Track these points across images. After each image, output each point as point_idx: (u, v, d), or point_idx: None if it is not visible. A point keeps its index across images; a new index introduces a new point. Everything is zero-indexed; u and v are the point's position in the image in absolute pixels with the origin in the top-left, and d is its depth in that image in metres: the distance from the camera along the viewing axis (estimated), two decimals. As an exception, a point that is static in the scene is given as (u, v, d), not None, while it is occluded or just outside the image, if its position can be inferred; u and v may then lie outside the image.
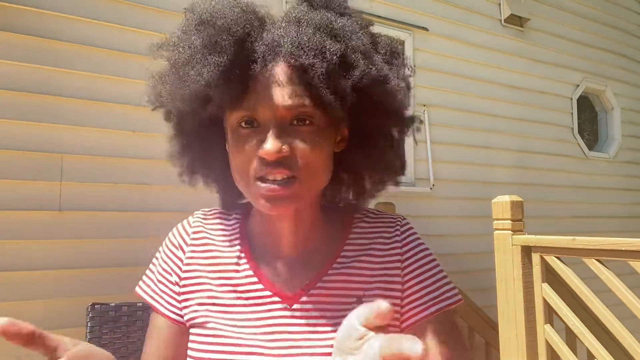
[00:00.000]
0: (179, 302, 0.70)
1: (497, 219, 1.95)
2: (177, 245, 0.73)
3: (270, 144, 0.58)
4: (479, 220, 3.20)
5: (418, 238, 0.73)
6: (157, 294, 0.73)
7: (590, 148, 4.22)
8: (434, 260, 0.72)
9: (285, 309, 0.65)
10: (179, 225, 0.76)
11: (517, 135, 3.67)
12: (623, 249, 1.56)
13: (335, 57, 0.59)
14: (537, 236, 1.85)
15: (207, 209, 0.78)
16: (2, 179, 1.92)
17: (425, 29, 3.26)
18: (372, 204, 0.82)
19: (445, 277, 0.71)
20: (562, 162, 3.92)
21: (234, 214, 0.76)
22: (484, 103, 3.51)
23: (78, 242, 2.03)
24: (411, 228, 0.74)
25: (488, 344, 2.73)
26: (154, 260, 0.76)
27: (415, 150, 3.14)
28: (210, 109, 0.62)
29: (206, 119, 0.65)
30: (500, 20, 3.68)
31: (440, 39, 3.35)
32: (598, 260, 1.66)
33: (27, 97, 1.99)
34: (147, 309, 1.14)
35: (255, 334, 0.64)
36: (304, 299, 0.66)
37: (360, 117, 0.65)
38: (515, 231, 1.90)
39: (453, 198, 3.29)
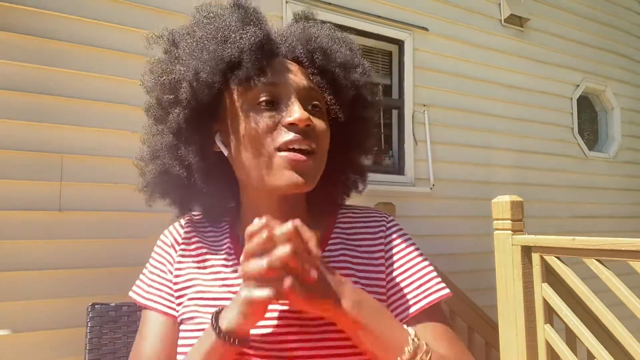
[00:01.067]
0: (175, 297, 0.72)
1: (497, 219, 1.95)
2: (169, 244, 0.76)
3: (301, 112, 0.64)
4: (479, 220, 3.20)
5: (404, 234, 0.75)
6: (150, 293, 0.74)
7: (590, 148, 4.22)
8: (420, 255, 0.74)
9: (274, 309, 0.67)
10: (171, 227, 0.79)
11: (517, 135, 3.67)
12: (623, 249, 1.56)
13: (343, 58, 0.71)
14: (537, 236, 1.85)
15: (197, 213, 0.80)
16: (2, 179, 1.92)
17: (425, 29, 3.26)
18: (372, 204, 0.83)
19: (432, 271, 0.72)
20: (562, 162, 3.92)
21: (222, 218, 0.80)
22: (484, 103, 3.51)
23: (78, 242, 2.03)
24: (397, 224, 0.77)
25: (488, 344, 2.73)
26: (147, 264, 0.78)
27: (415, 150, 3.14)
28: (237, 76, 0.65)
29: (202, 110, 0.68)
30: (500, 20, 3.68)
31: (440, 39, 3.35)
32: (598, 260, 1.66)
33: (27, 97, 1.99)
34: (147, 309, 1.14)
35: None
36: None
37: (343, 113, 0.73)
38: (515, 231, 1.90)
39: (453, 198, 3.29)
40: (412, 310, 0.69)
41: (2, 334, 1.85)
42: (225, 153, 0.71)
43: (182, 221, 0.79)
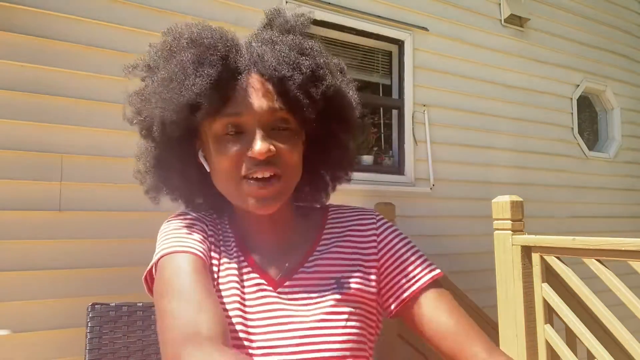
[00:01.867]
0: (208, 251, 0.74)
1: (497, 219, 1.95)
2: (201, 221, 0.77)
3: (260, 144, 0.66)
4: (479, 220, 3.20)
5: (394, 227, 0.81)
6: (186, 244, 0.70)
7: (590, 148, 4.22)
8: (410, 242, 0.80)
9: (270, 291, 0.72)
10: (192, 212, 0.79)
11: (517, 135, 3.67)
12: (623, 249, 1.56)
13: (309, 70, 0.70)
14: (537, 236, 1.85)
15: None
16: (2, 179, 1.92)
17: (425, 29, 3.26)
18: (372, 205, 0.85)
19: (423, 255, 0.79)
20: (562, 162, 3.92)
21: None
22: (484, 103, 3.51)
23: (78, 242, 2.03)
24: (387, 221, 0.83)
25: (488, 344, 2.73)
26: (169, 233, 0.73)
27: (415, 150, 3.15)
28: (199, 116, 0.68)
29: (184, 133, 0.71)
30: (500, 20, 3.68)
31: (440, 39, 3.35)
32: (598, 260, 1.66)
33: (27, 97, 1.99)
34: (147, 308, 1.14)
35: (247, 312, 0.70)
36: (287, 283, 0.73)
37: (319, 123, 0.74)
38: (515, 231, 1.90)
39: (453, 198, 3.29)
40: (414, 288, 0.74)
41: (2, 334, 1.85)
42: (207, 169, 0.75)
43: (193, 213, 0.81)
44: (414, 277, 0.75)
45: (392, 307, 0.75)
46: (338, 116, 0.77)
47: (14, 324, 1.87)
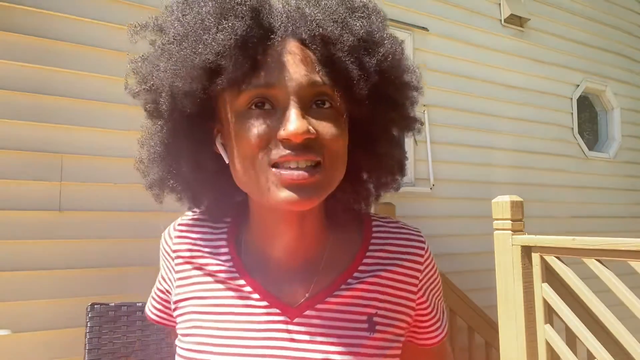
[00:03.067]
0: (165, 307, 0.72)
1: (497, 219, 1.95)
2: (163, 255, 0.71)
3: (296, 123, 0.50)
4: (479, 220, 3.19)
5: (435, 265, 0.70)
6: (151, 304, 0.75)
7: (590, 148, 4.22)
8: (440, 287, 0.73)
9: (285, 321, 0.59)
10: (165, 232, 0.71)
11: (517, 135, 3.67)
12: (623, 249, 1.56)
13: (362, 32, 0.54)
14: (537, 236, 1.85)
15: (190, 213, 0.71)
16: (2, 179, 1.92)
17: (425, 29, 3.26)
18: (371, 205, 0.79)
19: (442, 305, 0.74)
20: (562, 162, 3.92)
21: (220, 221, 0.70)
22: (484, 103, 3.51)
23: (78, 242, 2.03)
24: (431, 253, 0.70)
25: (488, 344, 2.73)
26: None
27: (415, 150, 3.14)
28: (219, 84, 0.53)
29: (199, 110, 0.57)
30: (500, 20, 3.68)
31: (440, 39, 3.35)
32: (598, 260, 1.66)
33: (27, 97, 1.99)
34: (146, 309, 1.14)
35: (249, 347, 0.58)
36: (308, 312, 0.59)
37: (368, 107, 0.57)
38: (515, 231, 1.90)
39: (453, 198, 3.29)
40: (432, 341, 0.71)
41: (2, 334, 1.85)
42: (226, 159, 0.60)
43: (176, 224, 0.70)
44: (432, 332, 0.70)
45: None
46: (392, 100, 0.60)
47: (14, 324, 1.87)
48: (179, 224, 0.70)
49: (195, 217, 0.70)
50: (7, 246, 1.90)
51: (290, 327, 0.58)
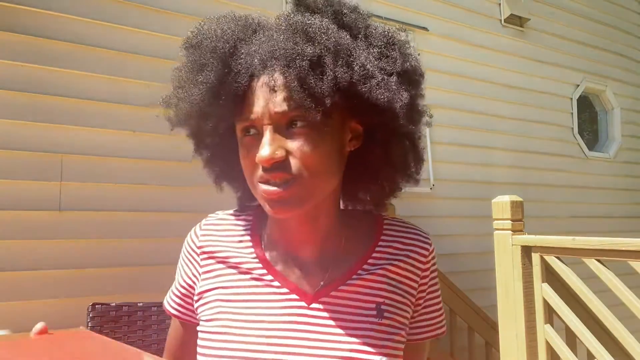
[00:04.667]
0: (188, 303, 0.75)
1: (497, 219, 1.95)
2: (188, 252, 0.77)
3: (263, 150, 0.60)
4: (479, 220, 3.20)
5: (437, 265, 0.78)
6: (173, 301, 0.79)
7: (590, 148, 4.22)
8: (439, 289, 0.78)
9: (303, 307, 0.66)
10: (192, 231, 0.78)
11: (517, 135, 3.67)
12: (623, 249, 1.56)
13: (307, 60, 0.59)
14: (537, 236, 1.85)
15: (220, 212, 0.79)
16: (2, 179, 1.92)
17: (425, 29, 3.26)
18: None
19: (442, 306, 0.79)
20: (562, 162, 3.92)
21: (244, 215, 0.77)
22: (484, 103, 3.51)
23: (78, 242, 2.03)
24: (435, 255, 0.77)
25: (488, 344, 2.74)
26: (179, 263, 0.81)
27: (415, 150, 3.14)
28: (214, 125, 0.66)
29: (223, 131, 0.69)
30: (500, 20, 3.68)
31: (440, 39, 3.35)
32: (598, 260, 1.66)
33: (27, 97, 1.99)
34: (147, 308, 1.14)
35: (269, 329, 0.65)
36: (324, 299, 0.67)
37: (366, 115, 0.65)
38: (515, 231, 1.90)
39: (453, 198, 3.29)
40: (422, 336, 0.75)
41: (2, 334, 1.85)
42: None
43: (203, 222, 0.78)
44: (431, 326, 0.76)
45: None
46: (376, 106, 0.63)
47: (14, 324, 1.87)
48: (205, 224, 0.77)
49: (220, 217, 0.78)
50: (7, 246, 1.90)
51: (307, 311, 0.66)
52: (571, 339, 1.83)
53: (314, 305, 0.66)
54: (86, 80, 2.11)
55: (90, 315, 1.12)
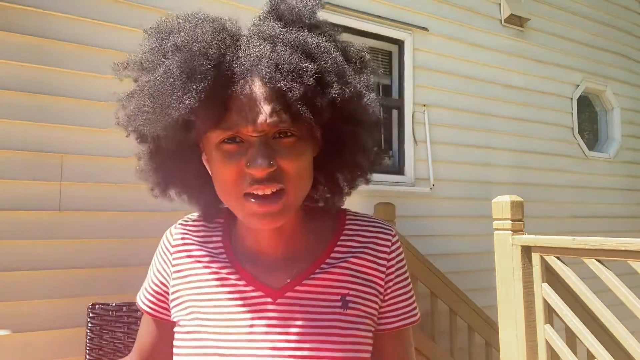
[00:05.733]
0: (161, 300, 0.78)
1: (497, 219, 1.95)
2: (162, 251, 0.79)
3: (259, 161, 0.59)
4: (479, 220, 3.20)
5: (403, 254, 0.79)
6: (145, 297, 0.81)
7: (590, 148, 4.22)
8: (409, 277, 0.79)
9: (268, 302, 0.68)
10: (166, 233, 0.81)
11: (517, 135, 3.67)
12: (623, 249, 1.56)
13: (311, 79, 0.60)
14: (537, 236, 1.85)
15: (192, 215, 0.82)
16: (2, 179, 1.92)
17: (425, 29, 3.26)
18: (372, 205, 0.83)
19: (414, 295, 0.79)
20: (562, 162, 3.92)
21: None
22: (484, 103, 3.51)
23: (78, 242, 2.03)
24: (400, 244, 0.79)
25: (488, 344, 2.74)
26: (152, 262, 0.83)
27: (415, 150, 3.15)
28: (192, 132, 0.63)
29: (183, 139, 0.65)
30: (500, 20, 3.68)
31: (440, 39, 3.35)
32: (598, 260, 1.66)
33: (27, 97, 1.99)
34: (147, 309, 1.14)
35: (237, 326, 0.67)
36: (289, 294, 0.69)
37: (334, 124, 0.67)
38: (515, 231, 1.90)
39: (453, 198, 3.29)
40: (394, 325, 0.75)
41: (2, 334, 1.85)
42: (210, 173, 0.69)
43: (176, 226, 0.80)
44: (402, 314, 0.76)
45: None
46: (352, 118, 0.68)
47: (14, 324, 1.87)
48: (180, 224, 0.80)
49: (195, 218, 0.80)
50: (7, 246, 1.90)
51: (273, 307, 0.68)
52: (571, 339, 1.83)
53: (279, 300, 0.68)
54: (86, 80, 2.11)
55: (90, 315, 1.12)
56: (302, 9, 0.67)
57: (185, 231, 0.78)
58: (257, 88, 0.60)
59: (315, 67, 0.61)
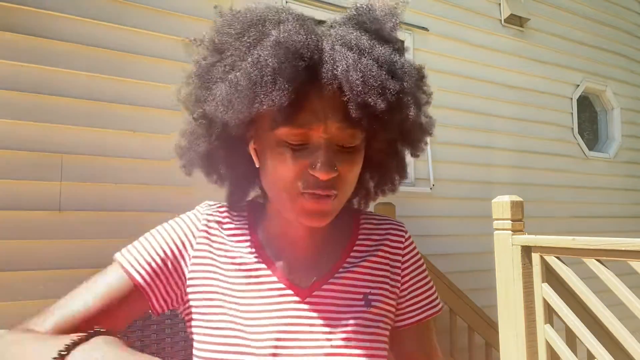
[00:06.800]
0: (160, 277, 0.70)
1: (497, 219, 1.95)
2: (184, 230, 0.73)
3: (326, 166, 0.61)
4: (479, 220, 3.20)
5: (417, 249, 0.81)
6: (139, 263, 0.72)
7: (590, 148, 4.22)
8: (426, 270, 0.81)
9: (298, 302, 0.69)
10: (192, 214, 0.76)
11: (517, 135, 3.67)
12: (623, 249, 1.56)
13: (394, 97, 0.61)
14: (537, 236, 1.85)
15: (212, 202, 0.78)
16: (2, 179, 1.92)
17: (425, 29, 3.26)
18: (372, 205, 0.84)
19: (433, 286, 0.81)
20: (562, 162, 3.92)
21: (238, 210, 0.78)
22: (484, 103, 3.51)
23: (78, 242, 2.03)
24: (412, 240, 0.81)
25: (488, 344, 2.73)
26: (152, 235, 0.76)
27: (415, 150, 3.14)
28: (267, 125, 0.63)
29: (244, 127, 0.66)
30: (500, 20, 3.68)
31: (440, 39, 3.35)
32: (598, 260, 1.66)
33: (27, 97, 1.99)
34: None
35: (267, 324, 0.67)
36: (316, 293, 0.70)
37: (380, 137, 0.68)
38: (515, 231, 1.90)
39: (453, 198, 3.29)
40: (416, 318, 0.78)
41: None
42: (257, 164, 0.69)
43: (201, 209, 0.76)
44: (421, 307, 0.78)
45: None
46: (408, 137, 0.72)
47: (14, 324, 1.87)
48: (208, 211, 0.76)
49: (219, 207, 0.77)
50: (7, 246, 1.90)
51: (302, 306, 0.69)
52: (571, 339, 1.83)
53: (307, 299, 0.69)
54: (86, 80, 2.11)
55: (90, 315, 1.11)
56: (383, 24, 0.68)
57: (213, 219, 0.74)
58: (336, 94, 0.61)
59: (399, 86, 0.62)
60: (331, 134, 0.62)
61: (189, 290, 0.70)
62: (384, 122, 0.63)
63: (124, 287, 0.72)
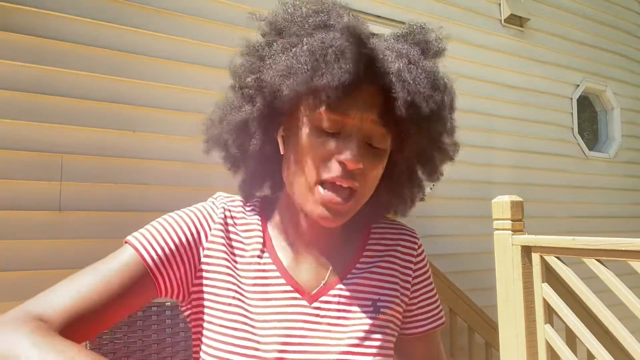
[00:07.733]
0: (171, 264, 0.68)
1: (497, 219, 1.95)
2: (201, 219, 0.71)
3: (356, 154, 0.62)
4: (479, 220, 3.20)
5: (427, 258, 0.81)
6: (152, 247, 0.71)
7: (590, 148, 4.22)
8: (433, 282, 0.82)
9: (304, 305, 0.68)
10: (208, 204, 0.74)
11: (517, 135, 3.67)
12: (623, 249, 1.56)
13: (435, 107, 0.64)
14: (537, 236, 1.85)
15: (226, 195, 0.76)
16: (2, 179, 1.92)
17: (425, 29, 3.26)
18: None
19: (438, 298, 0.82)
20: (562, 162, 3.92)
21: (251, 205, 0.75)
22: (484, 103, 3.51)
23: (78, 242, 2.03)
24: (424, 249, 0.81)
25: (488, 344, 2.74)
26: (166, 220, 0.74)
27: (415, 150, 3.15)
28: (313, 102, 0.63)
29: (284, 106, 0.66)
30: (500, 20, 3.68)
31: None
32: (598, 260, 1.66)
33: (27, 97, 1.99)
34: (147, 309, 1.14)
35: (273, 327, 0.66)
36: (323, 298, 0.69)
37: (405, 149, 0.69)
38: (515, 231, 1.90)
39: (453, 198, 3.29)
40: (423, 329, 0.78)
41: (2, 334, 1.85)
42: (282, 151, 0.69)
43: (217, 202, 0.74)
44: (430, 317, 0.79)
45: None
46: (430, 158, 0.73)
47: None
48: (225, 204, 0.74)
49: (233, 199, 0.75)
50: (7, 246, 1.90)
51: (309, 310, 0.68)
52: (571, 339, 1.83)
53: (315, 304, 0.68)
54: (86, 80, 2.11)
55: (90, 315, 1.11)
56: (433, 45, 0.71)
57: (230, 212, 0.73)
58: (380, 92, 0.63)
59: (440, 98, 0.65)
60: (365, 126, 0.63)
61: (199, 282, 0.68)
62: (416, 130, 0.65)
63: (133, 268, 0.71)
